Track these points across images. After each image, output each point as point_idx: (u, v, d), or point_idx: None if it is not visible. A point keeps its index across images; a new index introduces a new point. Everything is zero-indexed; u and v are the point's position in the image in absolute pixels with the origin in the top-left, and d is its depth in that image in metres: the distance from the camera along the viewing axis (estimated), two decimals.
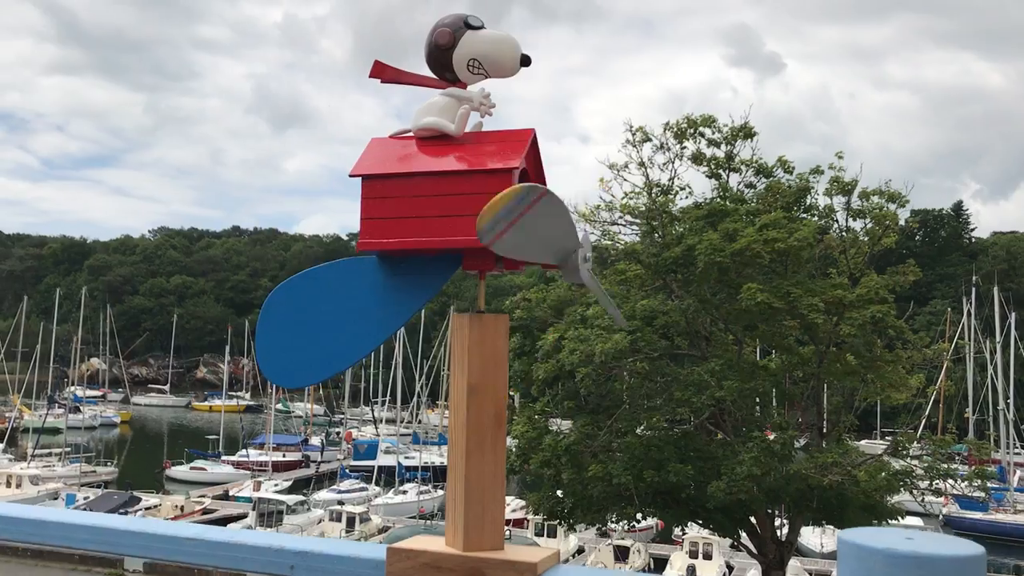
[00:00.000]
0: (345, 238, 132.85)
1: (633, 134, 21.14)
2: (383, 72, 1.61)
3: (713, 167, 21.49)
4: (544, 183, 1.58)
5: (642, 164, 21.25)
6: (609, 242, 21.36)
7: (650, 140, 21.23)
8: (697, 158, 21.25)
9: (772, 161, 21.64)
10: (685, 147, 21.25)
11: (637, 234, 21.52)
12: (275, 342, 1.55)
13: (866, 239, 20.61)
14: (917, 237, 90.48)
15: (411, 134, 1.59)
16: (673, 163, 21.27)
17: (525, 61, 1.55)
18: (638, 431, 19.37)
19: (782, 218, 18.80)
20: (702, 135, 21.10)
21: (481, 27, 1.54)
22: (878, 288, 18.45)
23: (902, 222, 22.97)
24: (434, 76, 1.60)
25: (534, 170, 1.56)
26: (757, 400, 20.09)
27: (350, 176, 1.52)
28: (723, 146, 21.27)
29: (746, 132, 21.07)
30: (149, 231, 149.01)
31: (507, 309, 23.90)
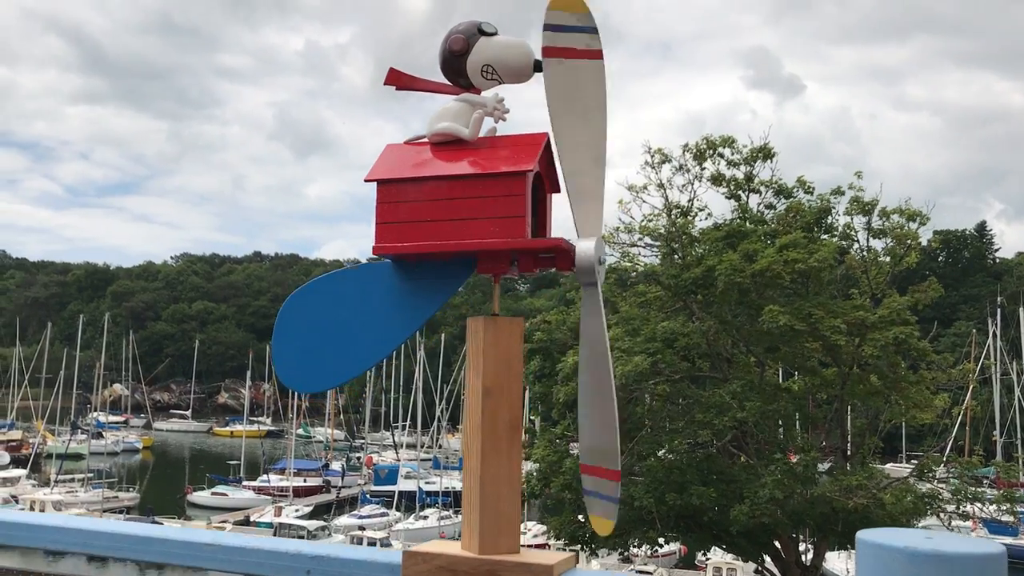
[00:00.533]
0: (364, 263, 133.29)
1: (652, 156, 21.17)
2: (398, 79, 1.63)
3: (732, 188, 21.45)
4: (556, 185, 1.59)
5: (661, 186, 21.25)
6: (629, 264, 21.33)
7: (669, 161, 21.25)
8: (716, 179, 21.22)
9: (792, 182, 21.60)
10: (704, 168, 21.25)
11: (657, 256, 21.49)
12: (291, 348, 1.56)
13: (887, 259, 20.46)
14: (940, 258, 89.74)
15: (426, 140, 1.60)
16: (692, 184, 21.26)
17: (538, 66, 1.55)
18: (660, 454, 19.22)
19: (802, 238, 18.70)
20: (721, 156, 21.09)
21: (495, 34, 1.55)
22: (900, 309, 18.26)
23: (924, 242, 22.79)
24: (448, 83, 1.61)
25: (547, 173, 1.56)
26: (780, 422, 19.90)
27: (365, 181, 1.53)
28: (742, 167, 21.25)
29: (765, 153, 21.05)
30: (171, 257, 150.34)
31: (527, 332, 23.85)
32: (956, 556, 1.11)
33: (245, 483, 54.58)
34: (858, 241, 20.88)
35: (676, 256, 20.49)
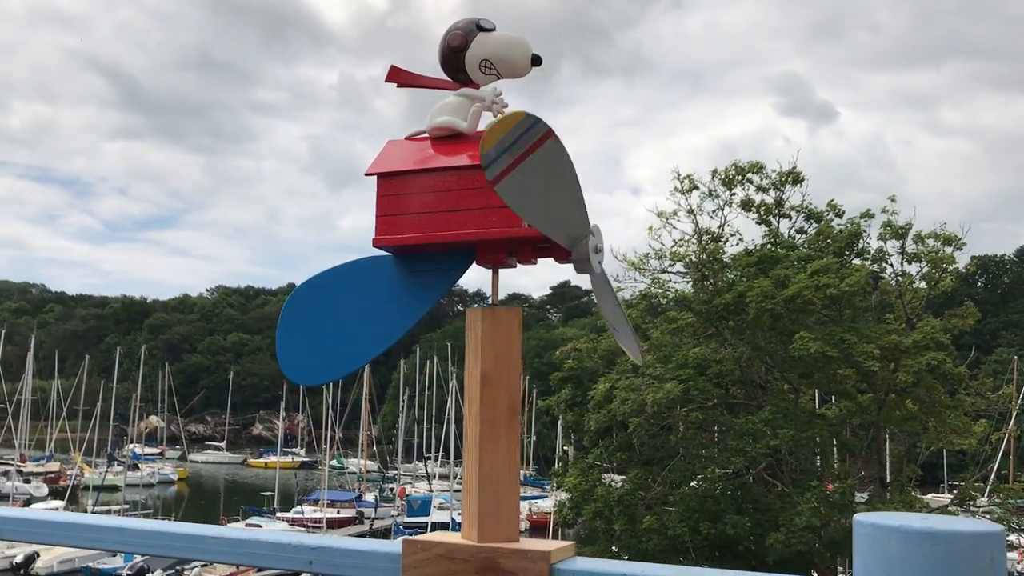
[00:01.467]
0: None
1: (681, 182, 21.16)
2: (398, 76, 1.66)
3: (763, 213, 21.36)
4: None
5: (691, 211, 21.22)
6: (660, 290, 21.26)
7: (697, 188, 21.22)
8: (746, 204, 21.15)
9: (824, 207, 21.44)
10: (734, 194, 21.20)
11: (688, 282, 21.39)
12: (295, 341, 1.58)
13: (923, 283, 20.20)
14: (979, 284, 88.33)
15: (426, 135, 1.62)
16: (722, 210, 21.20)
17: (536, 61, 1.58)
18: (693, 483, 19.01)
19: (833, 263, 18.55)
20: (750, 181, 21.03)
21: (493, 29, 1.58)
22: (935, 332, 18.00)
23: (960, 267, 22.47)
24: (448, 79, 1.63)
25: None
26: (816, 450, 19.61)
27: (366, 175, 1.56)
28: (772, 192, 21.16)
29: (794, 177, 20.95)
30: (207, 290, 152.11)
31: (557, 360, 23.82)
32: (951, 534, 1.09)
33: (279, 514, 54.67)
34: (891, 265, 20.67)
35: (707, 282, 20.40)
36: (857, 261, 20.40)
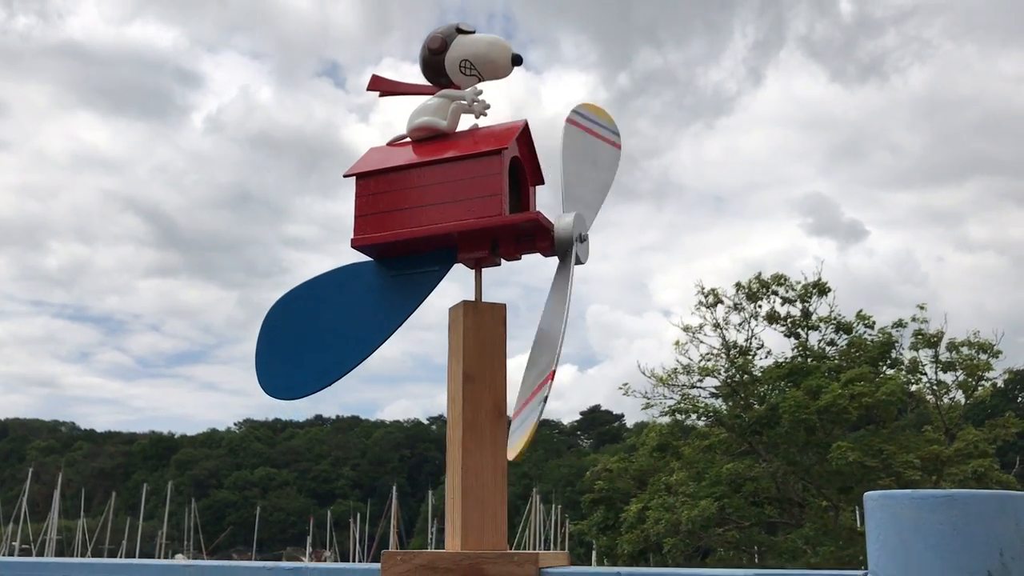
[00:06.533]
0: (426, 422, 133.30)
1: (705, 296, 21.08)
2: (380, 84, 1.64)
3: (790, 326, 21.14)
4: (540, 176, 1.56)
5: (717, 326, 21.04)
6: (689, 406, 20.87)
7: (722, 302, 21.12)
8: (772, 317, 20.97)
9: (853, 318, 21.20)
10: (760, 306, 21.06)
11: (718, 397, 21.01)
12: (274, 356, 1.51)
13: (959, 392, 19.71)
14: (1020, 399, 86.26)
15: (408, 140, 1.59)
16: (749, 323, 21.02)
17: (517, 60, 1.56)
18: None
19: (868, 372, 18.20)
20: (775, 293, 20.91)
21: (473, 32, 1.57)
22: (977, 442, 17.43)
23: (999, 381, 21.87)
24: (429, 83, 1.62)
25: (529, 161, 1.53)
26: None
27: (344, 176, 1.52)
28: (798, 303, 21.00)
29: (820, 288, 20.82)
30: (234, 423, 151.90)
31: (587, 481, 23.26)
32: (968, 496, 0.99)
33: None
34: (926, 374, 20.23)
35: (738, 396, 20.04)
36: (891, 371, 20.01)
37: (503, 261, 1.45)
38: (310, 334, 1.49)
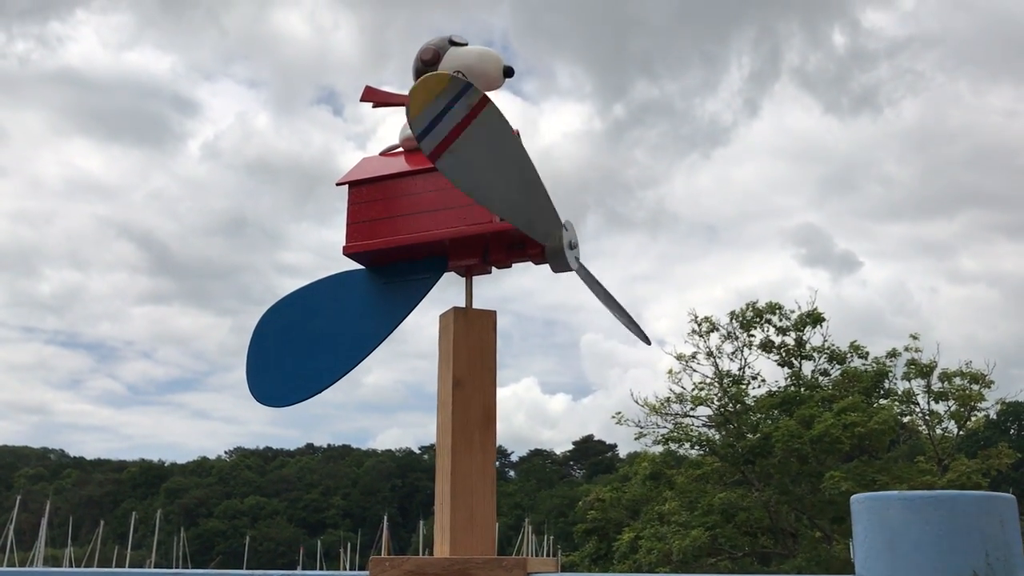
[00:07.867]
0: (418, 451, 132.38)
1: (699, 324, 21.10)
2: (373, 96, 1.66)
3: (784, 355, 21.15)
4: None
5: (710, 354, 21.04)
6: (681, 435, 20.81)
7: (717, 330, 21.14)
8: (766, 346, 20.99)
9: (846, 348, 21.22)
10: (753, 335, 21.08)
11: (711, 426, 20.96)
12: (265, 363, 1.51)
13: (951, 423, 19.72)
14: (1012, 431, 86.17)
15: (401, 150, 1.60)
16: (742, 351, 21.03)
17: (508, 72, 1.57)
18: None
19: (860, 402, 18.19)
20: (769, 322, 20.95)
21: (465, 44, 1.59)
22: (971, 473, 17.41)
23: (991, 410, 21.88)
24: None
25: None
26: None
27: (337, 185, 1.53)
28: (792, 333, 21.02)
29: (814, 318, 20.86)
30: (225, 452, 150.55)
31: (580, 511, 23.11)
32: (954, 497, 0.99)
33: None
34: (919, 405, 20.24)
35: (731, 425, 19.99)
36: (884, 401, 20.01)
37: (494, 269, 1.46)
38: (301, 342, 1.49)
